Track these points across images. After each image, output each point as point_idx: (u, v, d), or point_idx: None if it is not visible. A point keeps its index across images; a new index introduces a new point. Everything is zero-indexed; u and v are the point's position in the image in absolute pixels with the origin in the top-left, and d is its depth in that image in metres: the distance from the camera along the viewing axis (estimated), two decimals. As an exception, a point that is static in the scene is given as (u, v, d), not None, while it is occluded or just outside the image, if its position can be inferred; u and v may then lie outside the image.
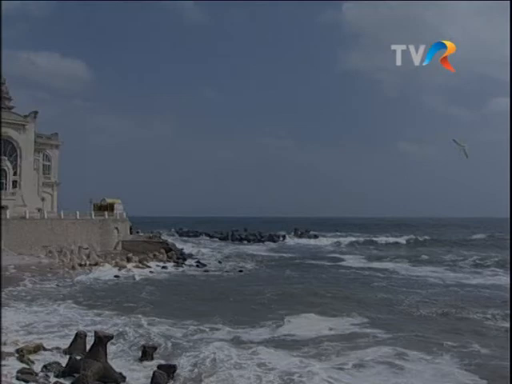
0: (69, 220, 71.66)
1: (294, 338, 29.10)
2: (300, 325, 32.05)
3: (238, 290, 48.29)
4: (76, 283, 50.17)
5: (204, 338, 28.52)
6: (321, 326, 32.00)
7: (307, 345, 27.31)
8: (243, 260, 78.40)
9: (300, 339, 28.70)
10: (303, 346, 27.00)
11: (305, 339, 28.63)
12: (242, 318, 33.94)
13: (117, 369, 21.99)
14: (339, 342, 27.81)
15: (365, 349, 26.49)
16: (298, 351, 25.97)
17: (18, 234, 64.23)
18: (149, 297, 43.53)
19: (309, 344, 27.46)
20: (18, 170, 75.57)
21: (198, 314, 34.87)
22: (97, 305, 38.56)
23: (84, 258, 64.57)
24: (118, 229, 76.95)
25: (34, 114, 78.13)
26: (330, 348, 26.69)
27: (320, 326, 31.99)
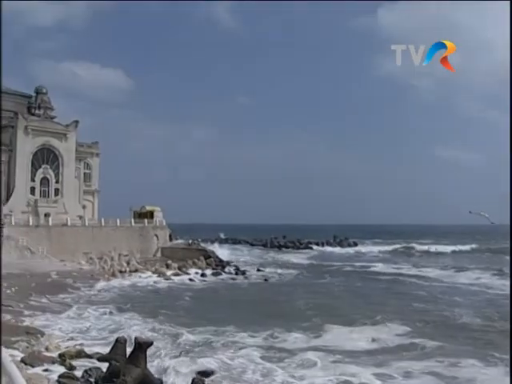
0: (109, 227, 72.43)
1: (332, 347, 28.21)
2: (339, 334, 31.19)
3: (277, 297, 47.89)
4: (116, 289, 50.48)
5: (240, 345, 28.16)
6: (362, 335, 31.10)
7: (347, 355, 26.47)
8: (282, 267, 77.85)
9: (339, 349, 27.83)
10: (342, 356, 26.22)
11: (344, 349, 27.80)
12: (279, 325, 33.17)
13: (156, 374, 21.95)
14: (383, 353, 27.02)
15: (411, 360, 25.56)
16: (337, 362, 25.37)
17: (60, 240, 65.15)
18: (187, 304, 43.53)
19: (349, 354, 26.65)
20: (60, 178, 76.67)
21: (235, 320, 34.42)
22: (136, 311, 38.56)
23: (124, 264, 65.08)
24: (158, 236, 77.41)
25: (75, 124, 79.25)
26: (372, 358, 25.91)
27: (361, 335, 31.11)
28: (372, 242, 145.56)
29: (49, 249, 62.49)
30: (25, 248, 59.94)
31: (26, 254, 59.31)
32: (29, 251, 59.88)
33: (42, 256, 60.61)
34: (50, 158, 76.05)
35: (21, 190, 72.57)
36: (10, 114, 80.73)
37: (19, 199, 71.91)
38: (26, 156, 73.27)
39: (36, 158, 74.66)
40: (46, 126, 76.40)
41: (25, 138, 73.28)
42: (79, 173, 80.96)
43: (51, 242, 63.98)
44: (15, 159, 72.66)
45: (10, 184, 72.74)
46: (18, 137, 72.75)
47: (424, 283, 59.45)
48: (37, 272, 52.87)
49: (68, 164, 77.35)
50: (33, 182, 74.03)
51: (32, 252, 60.09)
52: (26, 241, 60.87)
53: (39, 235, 63.70)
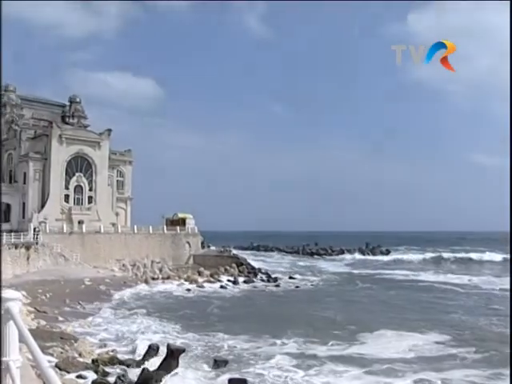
0: (142, 234, 72.75)
1: (368, 356, 27.73)
2: (374, 343, 30.65)
3: (309, 304, 47.49)
4: (148, 296, 50.62)
5: (274, 353, 27.85)
6: (398, 344, 30.44)
7: (384, 363, 25.92)
8: (314, 275, 77.34)
9: (374, 357, 27.34)
10: (379, 365, 25.70)
11: (380, 357, 27.25)
12: (313, 333, 32.96)
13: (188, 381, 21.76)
14: (421, 361, 26.38)
15: (450, 369, 24.91)
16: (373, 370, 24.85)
17: (93, 247, 65.65)
18: (219, 311, 43.36)
19: (385, 362, 26.08)
20: (94, 185, 77.25)
21: (267, 328, 34.15)
22: (168, 318, 38.56)
23: (157, 271, 65.23)
24: (190, 243, 77.47)
25: (108, 132, 79.82)
26: (410, 367, 25.33)
27: (397, 344, 30.46)
28: (405, 250, 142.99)
29: (82, 255, 62.96)
30: (59, 255, 60.45)
31: (60, 261, 59.80)
32: (63, 258, 60.37)
33: (76, 263, 61.06)
34: (84, 166, 76.70)
35: (55, 197, 73.29)
36: (44, 123, 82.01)
37: (54, 207, 72.61)
38: (60, 164, 73.99)
39: (70, 166, 75.36)
40: (79, 134, 77.15)
41: (59, 146, 74.02)
42: (112, 180, 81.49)
43: (85, 249, 64.48)
44: (50, 167, 73.42)
45: (45, 192, 73.53)
46: (53, 145, 73.51)
47: (460, 290, 58.44)
48: (71, 278, 53.26)
49: (101, 172, 77.93)
50: (67, 189, 74.70)
51: (66, 259, 60.57)
52: (60, 248, 61.39)
53: (73, 242, 64.23)
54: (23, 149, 76.44)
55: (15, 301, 4.38)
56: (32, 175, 73.31)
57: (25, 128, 79.27)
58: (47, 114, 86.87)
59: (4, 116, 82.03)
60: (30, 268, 54.75)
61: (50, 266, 58.14)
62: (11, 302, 4.32)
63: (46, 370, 2.83)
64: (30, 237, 59.64)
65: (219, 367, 24.36)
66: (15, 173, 77.23)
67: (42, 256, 58.43)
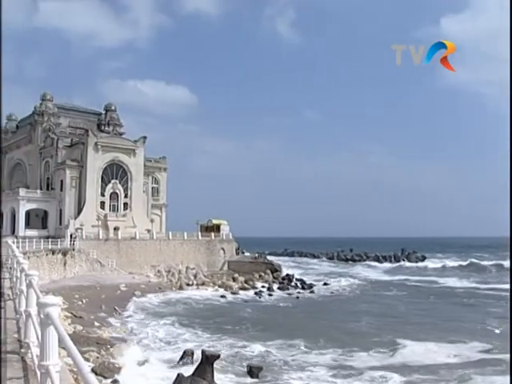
0: (177, 241, 73.15)
1: (410, 363, 27.17)
2: (414, 351, 29.85)
3: (344, 312, 46.99)
4: (183, 302, 50.74)
5: (309, 361, 27.64)
6: (440, 351, 29.82)
7: (426, 370, 25.43)
8: (349, 281, 76.69)
9: (416, 365, 26.78)
10: (424, 371, 25.21)
11: (422, 364, 26.70)
12: (349, 342, 32.49)
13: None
14: (465, 367, 25.82)
15: (496, 374, 24.34)
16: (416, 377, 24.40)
17: (129, 253, 66.24)
18: (253, 318, 43.15)
19: (428, 369, 25.58)
20: (129, 192, 77.99)
21: (302, 335, 33.85)
22: (202, 324, 38.63)
23: (191, 277, 65.48)
24: (224, 249, 77.62)
25: (143, 139, 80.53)
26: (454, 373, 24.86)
27: (439, 351, 29.83)
28: (442, 256, 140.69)
29: (118, 261, 63.58)
30: (95, 261, 61.16)
31: (96, 267, 60.49)
32: (99, 264, 61.05)
33: (112, 269, 61.68)
34: (119, 173, 77.50)
35: (91, 204, 74.18)
36: (80, 131, 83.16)
37: (90, 213, 73.50)
38: (96, 171, 74.92)
39: (106, 174, 76.22)
40: (115, 142, 78.00)
41: (95, 154, 74.96)
42: (147, 187, 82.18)
43: (120, 255, 65.11)
44: (86, 175, 74.37)
45: (81, 199, 74.47)
46: (89, 153, 74.49)
47: (502, 295, 57.28)
48: (106, 284, 53.80)
49: (136, 179, 78.65)
50: (102, 196, 75.55)
51: (102, 265, 61.24)
52: (96, 254, 62.11)
53: (109, 248, 64.93)
54: (60, 157, 77.62)
55: (55, 306, 4.46)
56: (69, 182, 74.31)
57: (61, 136, 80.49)
58: (83, 122, 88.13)
59: (41, 124, 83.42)
60: (66, 274, 55.45)
61: (86, 271, 58.85)
62: (51, 307, 4.40)
63: (86, 376, 2.87)
64: (67, 243, 60.49)
65: (253, 374, 24.32)
66: (52, 180, 78.44)
67: (79, 262, 59.15)
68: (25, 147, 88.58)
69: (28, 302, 7.41)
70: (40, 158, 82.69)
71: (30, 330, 6.97)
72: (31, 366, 6.46)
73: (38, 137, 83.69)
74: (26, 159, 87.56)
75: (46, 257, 51.73)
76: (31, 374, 6.22)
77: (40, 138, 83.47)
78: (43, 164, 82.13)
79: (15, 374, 6.29)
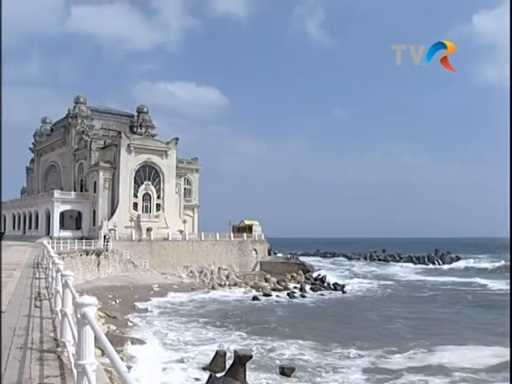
0: (209, 241, 73.35)
1: (448, 367, 26.52)
2: (453, 354, 29.11)
3: (378, 313, 46.57)
4: (216, 303, 50.87)
5: (342, 363, 27.41)
6: (481, 354, 29.05)
7: (468, 372, 24.93)
8: (383, 282, 76.17)
9: (455, 367, 26.19)
10: (466, 374, 24.71)
11: (462, 367, 26.11)
12: (382, 343, 32.14)
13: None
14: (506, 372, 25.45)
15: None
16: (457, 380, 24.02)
17: (161, 254, 66.64)
18: (286, 319, 43.05)
19: (470, 372, 25.11)
20: (161, 193, 78.49)
21: (336, 338, 33.62)
22: (234, 324, 38.61)
23: (223, 278, 65.63)
24: (257, 250, 77.61)
25: (176, 141, 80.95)
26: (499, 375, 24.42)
27: (480, 354, 29.06)
28: (477, 257, 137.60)
29: (151, 262, 63.98)
30: (128, 261, 61.66)
31: (130, 267, 60.97)
32: (132, 264, 61.53)
33: (145, 269, 62.10)
34: (152, 174, 78.04)
35: (124, 205, 74.86)
36: (113, 133, 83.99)
37: (123, 214, 74.20)
38: (128, 173, 75.57)
39: (138, 175, 76.84)
40: (147, 143, 78.58)
41: (127, 155, 75.61)
42: (180, 188, 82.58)
43: (153, 256, 65.53)
44: (119, 176, 75.07)
45: (114, 200, 75.20)
46: (122, 155, 75.18)
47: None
48: (139, 284, 54.22)
49: (169, 180, 79.11)
50: (135, 197, 76.18)
51: (135, 265, 61.71)
52: (129, 254, 62.58)
53: (142, 249, 65.41)
54: (93, 158, 78.54)
55: (91, 306, 4.50)
56: (102, 184, 75.11)
57: (95, 138, 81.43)
58: (116, 125, 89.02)
59: (75, 127, 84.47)
60: (100, 274, 56.03)
61: (119, 272, 59.38)
62: (87, 307, 4.44)
63: (124, 375, 2.88)
64: (101, 244, 61.10)
65: (286, 375, 24.27)
66: (86, 182, 79.35)
67: (112, 262, 59.71)
68: (59, 149, 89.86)
69: (64, 302, 7.49)
70: (74, 159, 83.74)
71: (66, 329, 7.04)
72: (67, 365, 6.53)
73: (72, 139, 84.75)
74: (61, 161, 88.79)
75: (80, 257, 52.34)
76: (67, 372, 6.29)
77: (74, 140, 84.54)
78: (77, 166, 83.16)
79: (52, 372, 6.37)
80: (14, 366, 6.56)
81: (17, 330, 9.01)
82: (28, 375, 6.20)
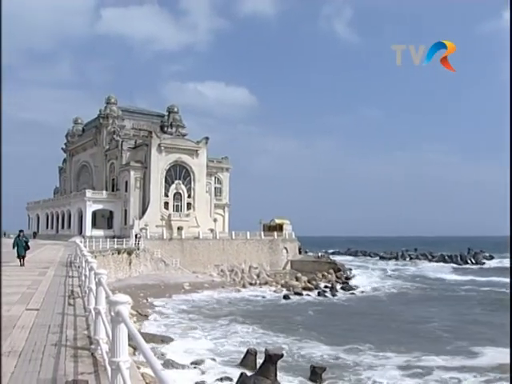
0: (239, 240, 73.46)
1: (485, 367, 26.06)
2: (491, 355, 28.60)
3: (410, 313, 46.06)
4: (246, 302, 50.91)
5: (375, 363, 27.08)
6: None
7: (505, 375, 24.22)
8: (414, 281, 75.44)
9: (492, 367, 25.77)
10: (498, 377, 24.27)
11: (499, 368, 25.54)
12: (416, 345, 31.53)
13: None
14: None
15: None
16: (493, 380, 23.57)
17: (192, 253, 66.91)
18: (317, 318, 42.94)
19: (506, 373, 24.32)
20: (192, 192, 78.82)
21: (368, 337, 33.17)
22: (265, 323, 38.54)
23: (254, 277, 65.68)
24: (287, 249, 77.53)
25: (206, 140, 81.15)
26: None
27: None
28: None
29: (182, 261, 64.30)
30: (159, 260, 62.04)
31: (161, 266, 61.34)
32: (163, 263, 61.89)
33: (176, 268, 62.43)
34: (183, 173, 78.39)
35: (155, 204, 75.34)
36: (144, 133, 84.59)
37: (154, 214, 74.69)
38: (159, 172, 76.03)
39: (169, 174, 77.25)
40: (178, 143, 78.93)
41: (158, 155, 76.07)
42: (210, 187, 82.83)
43: (184, 255, 65.84)
44: (149, 176, 75.57)
45: (146, 199, 75.73)
46: (152, 154, 75.67)
47: None
48: (170, 283, 54.54)
49: (199, 179, 79.39)
50: (166, 197, 76.60)
51: (166, 264, 62.05)
52: (161, 253, 62.97)
53: (173, 248, 65.76)
54: (124, 158, 79.18)
55: (125, 304, 4.52)
56: (133, 183, 75.69)
57: (126, 138, 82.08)
58: (147, 124, 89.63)
59: (106, 127, 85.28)
60: (131, 272, 56.47)
61: (150, 270, 59.78)
62: (122, 305, 4.46)
63: (159, 373, 2.87)
64: (132, 243, 61.59)
65: (317, 374, 24.14)
66: (117, 181, 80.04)
67: (143, 261, 60.13)
68: (91, 150, 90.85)
69: (97, 300, 7.55)
70: (105, 159, 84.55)
71: (100, 327, 7.10)
72: (101, 362, 6.58)
73: (104, 139, 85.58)
74: (92, 161, 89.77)
75: (112, 256, 52.84)
76: (101, 369, 6.34)
77: (105, 140, 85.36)
78: (108, 165, 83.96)
79: (86, 369, 6.42)
80: (49, 363, 6.64)
81: (51, 327, 9.12)
82: (63, 372, 6.27)
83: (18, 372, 6.20)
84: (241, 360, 25.53)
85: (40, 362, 6.66)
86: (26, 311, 10.76)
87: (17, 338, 8.06)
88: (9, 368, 6.34)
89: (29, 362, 6.69)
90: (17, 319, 9.74)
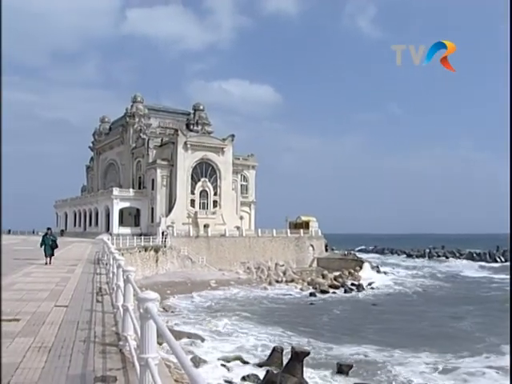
0: (266, 237, 73.47)
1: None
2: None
3: (439, 311, 45.65)
4: (273, 299, 50.93)
5: (402, 362, 26.76)
6: None
7: None
8: (443, 279, 74.80)
9: None
10: None
11: None
12: (447, 342, 31.18)
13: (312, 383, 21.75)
14: None
15: None
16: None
17: (218, 250, 67.07)
18: (343, 316, 42.77)
19: None
20: (218, 190, 78.99)
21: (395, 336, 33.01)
22: (292, 321, 38.53)
23: (280, 274, 65.62)
24: (313, 246, 77.34)
25: (232, 137, 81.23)
26: None
27: None
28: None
29: (208, 258, 64.54)
30: (186, 257, 62.30)
31: (187, 263, 61.61)
32: (189, 260, 62.15)
33: (202, 265, 62.68)
34: (209, 171, 78.60)
35: (181, 202, 75.64)
36: (170, 131, 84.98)
37: (180, 211, 75.00)
38: (186, 170, 76.30)
39: (195, 172, 77.50)
40: (203, 141, 79.14)
41: (184, 153, 76.34)
42: (236, 185, 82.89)
43: (210, 252, 66.05)
44: (176, 174, 75.89)
45: (172, 197, 76.09)
46: (179, 152, 75.95)
47: None
48: (197, 280, 54.79)
49: (225, 177, 79.55)
50: (192, 194, 76.87)
51: (192, 261, 62.32)
52: (187, 251, 63.23)
53: (199, 245, 66.00)
54: (151, 156, 79.62)
55: (153, 301, 4.54)
56: (159, 181, 76.10)
57: (152, 136, 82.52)
58: (173, 122, 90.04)
59: (133, 126, 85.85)
60: (158, 270, 56.84)
61: (177, 268, 60.10)
62: (150, 302, 4.48)
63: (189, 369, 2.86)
64: (159, 240, 61.92)
65: (343, 372, 24.08)
66: (144, 179, 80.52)
67: (170, 258, 60.47)
68: (117, 148, 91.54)
69: (125, 297, 7.59)
70: (132, 158, 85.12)
71: (128, 323, 7.13)
72: (129, 358, 6.62)
73: (130, 137, 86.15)
74: (119, 159, 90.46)
75: (139, 253, 53.25)
76: (129, 365, 6.38)
77: (132, 138, 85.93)
78: (135, 164, 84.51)
79: (114, 365, 6.47)
80: (78, 359, 6.70)
81: (80, 323, 9.20)
82: (91, 367, 6.32)
83: (48, 367, 6.27)
84: (267, 358, 25.52)
85: (69, 358, 6.73)
86: (55, 308, 10.87)
87: (46, 334, 8.15)
88: (39, 363, 6.43)
89: (58, 357, 6.76)
90: (46, 315, 9.85)
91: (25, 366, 6.32)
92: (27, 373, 6.03)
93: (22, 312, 10.14)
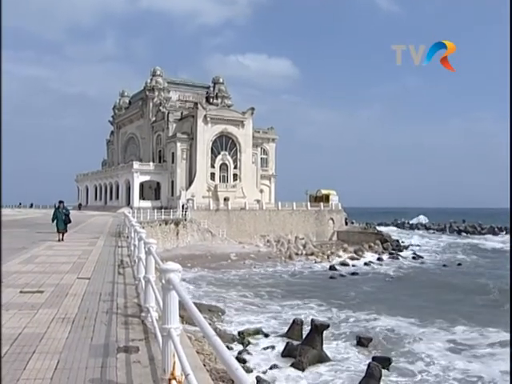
0: (285, 211, 73.53)
1: None
2: None
3: (458, 284, 45.15)
4: (293, 272, 51.09)
5: (423, 336, 26.50)
6: None
7: None
8: (461, 252, 74.43)
9: None
10: None
11: None
12: (467, 316, 30.70)
13: (331, 355, 21.87)
14: None
15: None
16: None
17: (238, 223, 67.32)
18: (364, 289, 42.67)
19: None
20: (238, 163, 79.04)
21: (416, 310, 32.69)
22: (311, 294, 38.58)
23: (300, 247, 65.71)
24: (333, 219, 77.33)
25: (252, 111, 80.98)
26: None
27: None
28: None
29: (228, 231, 64.82)
30: (206, 231, 62.55)
31: (207, 237, 61.86)
32: (210, 234, 62.40)
33: (222, 238, 62.93)
34: (229, 144, 78.61)
35: (202, 175, 75.82)
36: (190, 104, 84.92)
37: (200, 185, 75.25)
38: (205, 143, 76.34)
39: (215, 145, 77.55)
40: (223, 114, 79.01)
41: (204, 126, 76.31)
42: (256, 158, 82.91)
43: (230, 225, 66.30)
44: (196, 147, 75.98)
45: (192, 170, 76.27)
46: (198, 126, 75.92)
47: None
48: (217, 253, 55.08)
49: (245, 150, 79.50)
50: (212, 168, 77.03)
51: (213, 234, 62.57)
52: (207, 224, 63.48)
53: (219, 218, 66.26)
54: (171, 130, 79.74)
55: (176, 272, 4.54)
56: (179, 155, 76.28)
57: (172, 110, 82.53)
58: (192, 96, 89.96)
59: (152, 99, 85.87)
60: (179, 243, 57.19)
61: (197, 241, 60.41)
62: (172, 273, 4.49)
63: (212, 339, 2.87)
64: (179, 213, 62.22)
65: (363, 345, 24.16)
66: (164, 153, 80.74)
67: (190, 232, 60.76)
68: (137, 122, 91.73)
69: (147, 269, 7.63)
70: (152, 131, 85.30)
71: (150, 295, 7.18)
72: (151, 329, 6.68)
73: (150, 111, 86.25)
74: (139, 133, 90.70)
75: (160, 227, 53.59)
76: (151, 336, 6.44)
77: (151, 112, 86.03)
78: (155, 137, 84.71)
79: (137, 336, 6.53)
80: (101, 330, 6.77)
81: (102, 295, 9.29)
82: (114, 338, 6.39)
83: (71, 338, 6.35)
84: (287, 330, 25.68)
85: (92, 329, 6.81)
86: (77, 280, 10.99)
87: (69, 306, 8.25)
88: (63, 334, 6.51)
89: (82, 328, 6.85)
90: (69, 287, 9.96)
91: (49, 336, 6.41)
92: (51, 343, 6.11)
93: (45, 284, 10.28)
